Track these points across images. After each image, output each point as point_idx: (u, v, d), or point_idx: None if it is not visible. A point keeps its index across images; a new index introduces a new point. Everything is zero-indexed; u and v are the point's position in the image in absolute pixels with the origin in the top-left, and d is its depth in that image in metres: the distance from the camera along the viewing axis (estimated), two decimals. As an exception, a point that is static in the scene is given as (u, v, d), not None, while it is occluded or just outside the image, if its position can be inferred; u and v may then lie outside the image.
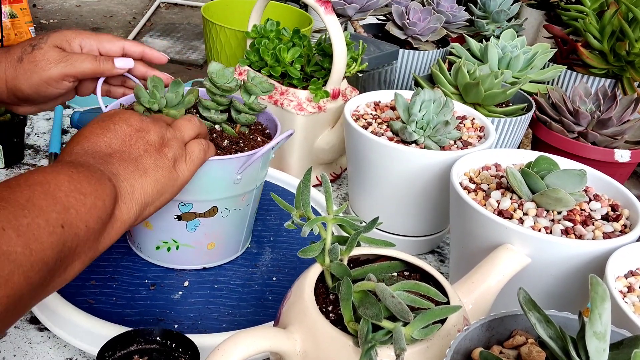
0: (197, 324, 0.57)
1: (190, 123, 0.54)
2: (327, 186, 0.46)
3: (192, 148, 0.52)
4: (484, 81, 0.81)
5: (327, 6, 0.75)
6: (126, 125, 0.48)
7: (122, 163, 0.46)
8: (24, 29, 1.41)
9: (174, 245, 0.63)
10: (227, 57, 1.05)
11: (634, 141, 0.83)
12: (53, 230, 0.37)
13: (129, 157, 0.47)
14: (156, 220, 0.61)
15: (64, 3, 1.73)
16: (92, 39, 0.63)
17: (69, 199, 0.39)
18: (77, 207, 0.39)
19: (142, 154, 0.47)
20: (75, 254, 0.40)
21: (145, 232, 0.63)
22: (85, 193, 0.40)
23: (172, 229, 0.61)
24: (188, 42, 1.47)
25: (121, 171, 0.45)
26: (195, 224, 0.61)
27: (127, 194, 0.45)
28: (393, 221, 0.74)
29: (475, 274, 0.51)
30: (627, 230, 0.55)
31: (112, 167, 0.45)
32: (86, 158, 0.45)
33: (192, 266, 0.65)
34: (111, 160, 0.46)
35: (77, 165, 0.43)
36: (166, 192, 0.49)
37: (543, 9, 1.43)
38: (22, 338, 0.57)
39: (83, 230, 0.40)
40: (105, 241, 0.43)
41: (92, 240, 0.41)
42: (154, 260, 0.64)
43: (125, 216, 0.45)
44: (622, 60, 1.02)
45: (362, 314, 0.38)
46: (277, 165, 0.85)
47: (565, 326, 0.34)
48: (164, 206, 0.50)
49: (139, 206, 0.46)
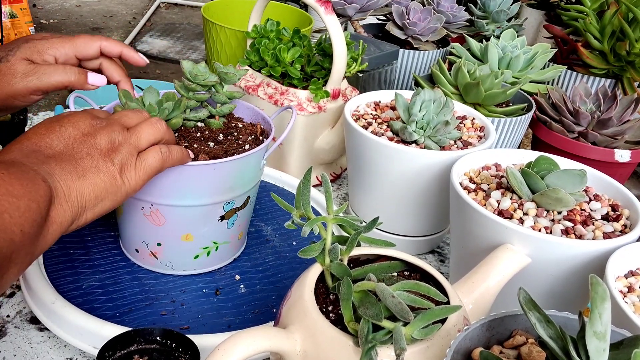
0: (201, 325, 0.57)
1: (152, 128, 0.50)
2: (327, 186, 0.46)
3: (145, 155, 0.49)
4: (484, 81, 0.81)
5: (327, 6, 0.75)
6: (73, 129, 0.46)
7: (60, 164, 0.43)
8: (24, 29, 1.41)
9: (214, 247, 0.63)
10: (227, 57, 1.05)
11: (634, 141, 0.83)
12: None
13: (69, 158, 0.44)
14: (198, 229, 0.60)
15: (64, 3, 1.73)
16: (66, 46, 0.59)
17: (1, 202, 0.37)
18: (10, 211, 0.37)
19: (84, 156, 0.45)
20: (11, 261, 0.37)
21: (183, 246, 0.61)
22: (18, 195, 0.38)
23: (215, 231, 0.62)
24: (188, 42, 1.47)
25: (57, 171, 0.43)
26: (234, 219, 0.62)
27: (62, 195, 0.42)
28: (393, 221, 0.74)
29: (476, 274, 0.51)
30: (627, 230, 0.55)
31: (48, 167, 0.42)
32: (21, 158, 0.42)
33: (225, 262, 0.66)
34: (48, 161, 0.43)
35: (9, 165, 0.40)
36: (106, 199, 0.45)
37: (543, 9, 1.43)
38: (22, 338, 0.57)
39: (18, 235, 0.37)
40: (41, 245, 0.40)
41: (29, 244, 0.39)
42: (189, 271, 0.64)
43: (62, 218, 0.42)
44: (622, 60, 1.02)
45: (362, 313, 0.38)
46: (277, 165, 0.85)
47: (565, 326, 0.34)
48: (208, 210, 0.46)
49: (75, 209, 0.43)
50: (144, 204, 0.57)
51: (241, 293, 0.63)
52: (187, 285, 0.62)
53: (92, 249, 0.65)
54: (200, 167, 0.55)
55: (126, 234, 0.63)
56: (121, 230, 0.64)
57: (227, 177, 0.57)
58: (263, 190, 0.80)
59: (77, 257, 0.64)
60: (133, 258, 0.64)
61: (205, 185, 0.57)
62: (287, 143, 0.82)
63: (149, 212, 0.58)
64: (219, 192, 0.58)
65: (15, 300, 0.61)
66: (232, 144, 0.60)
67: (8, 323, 0.58)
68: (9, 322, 0.59)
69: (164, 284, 0.62)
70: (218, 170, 0.56)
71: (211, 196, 0.58)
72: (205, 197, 0.58)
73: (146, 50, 1.38)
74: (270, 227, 0.74)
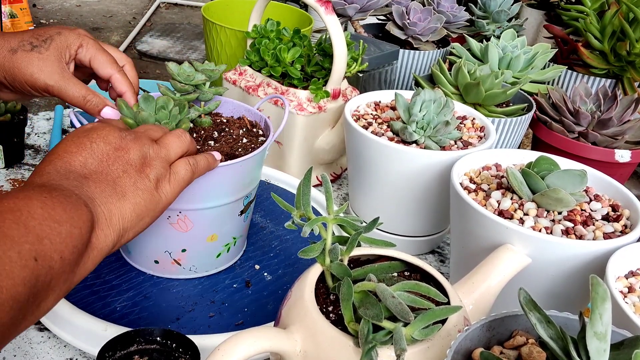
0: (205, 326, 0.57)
1: (179, 140, 0.50)
2: (327, 186, 0.46)
3: (177, 168, 0.48)
4: (484, 81, 0.81)
5: (327, 6, 0.75)
6: (104, 144, 0.45)
7: (99, 185, 0.42)
8: (24, 29, 1.41)
9: (233, 243, 0.64)
10: (227, 57, 1.05)
11: (634, 141, 0.83)
12: (25, 264, 0.34)
13: (106, 178, 0.43)
14: (222, 227, 0.61)
15: (64, 3, 1.73)
16: (92, 47, 0.58)
17: (43, 227, 0.36)
18: (51, 237, 0.36)
19: (121, 174, 0.44)
20: (49, 288, 0.36)
21: (208, 247, 0.62)
22: (60, 221, 0.37)
23: (235, 227, 0.63)
24: (188, 42, 1.47)
25: (97, 195, 0.42)
26: (249, 212, 0.64)
27: (104, 219, 0.41)
28: (393, 221, 0.74)
29: (476, 274, 0.51)
30: (627, 230, 0.55)
31: (87, 190, 0.41)
32: (60, 180, 0.41)
33: (239, 255, 0.67)
34: (87, 182, 0.42)
35: (51, 189, 0.39)
36: (147, 216, 0.45)
37: (543, 9, 1.43)
38: (22, 338, 0.57)
39: (58, 262, 0.36)
40: (80, 272, 0.40)
41: (68, 272, 0.38)
42: (211, 271, 0.64)
43: (103, 244, 0.41)
44: (622, 61, 1.01)
45: (363, 314, 0.38)
46: (277, 165, 0.85)
47: (565, 326, 0.34)
48: (232, 207, 0.46)
49: (117, 232, 0.42)
50: (171, 213, 0.57)
51: (269, 280, 0.64)
52: (217, 285, 0.63)
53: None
54: (229, 166, 0.56)
55: (144, 248, 0.62)
56: (134, 247, 0.63)
57: (249, 171, 0.59)
58: (263, 191, 0.80)
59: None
60: (150, 270, 0.63)
61: (232, 182, 0.58)
62: (287, 143, 0.82)
63: (176, 220, 0.58)
64: (243, 187, 0.60)
65: (15, 300, 0.61)
66: (229, 139, 0.61)
67: (8, 323, 0.58)
68: (9, 322, 0.58)
69: (193, 287, 0.62)
70: (244, 166, 0.57)
71: (236, 192, 0.60)
72: (232, 194, 0.59)
73: (146, 50, 1.38)
74: (258, 215, 0.76)
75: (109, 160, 0.44)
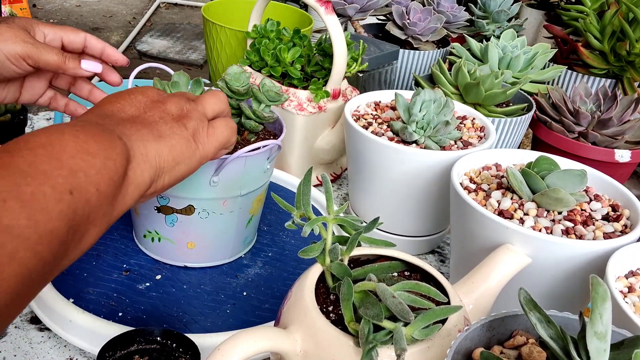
0: (198, 324, 0.57)
1: (216, 98, 0.50)
2: (327, 186, 0.46)
3: (217, 124, 0.49)
4: (484, 81, 0.81)
5: (327, 6, 0.75)
6: (142, 96, 0.46)
7: (135, 126, 0.42)
8: (24, 28, 1.41)
9: (157, 237, 0.63)
10: (227, 57, 1.05)
11: (634, 141, 0.83)
12: (60, 198, 0.33)
13: (143, 122, 0.43)
14: (141, 208, 0.62)
15: (64, 3, 1.73)
16: (55, 28, 0.60)
17: (76, 160, 0.35)
18: (85, 170, 0.35)
19: (158, 120, 0.44)
20: (89, 222, 0.36)
21: (135, 218, 0.65)
22: (93, 153, 0.36)
23: (154, 220, 0.62)
24: (188, 42, 1.47)
25: (134, 132, 0.42)
26: (174, 220, 0.61)
27: (140, 154, 0.41)
28: (393, 221, 0.74)
29: (476, 274, 0.51)
30: (627, 230, 0.55)
31: (123, 128, 0.41)
32: (95, 119, 0.41)
33: (173, 262, 0.65)
34: (123, 123, 0.42)
35: (84, 124, 0.39)
36: (182, 163, 0.45)
37: (543, 9, 1.43)
38: (22, 338, 0.57)
39: (94, 194, 0.36)
40: (119, 206, 0.39)
41: (106, 205, 0.37)
42: (143, 248, 0.66)
43: (140, 179, 0.40)
44: (622, 61, 1.02)
45: (363, 314, 0.38)
46: (277, 165, 0.85)
47: (565, 326, 0.34)
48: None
49: (154, 169, 0.42)
50: None
51: (269, 280, 0.65)
52: (217, 284, 0.64)
53: (99, 251, 0.65)
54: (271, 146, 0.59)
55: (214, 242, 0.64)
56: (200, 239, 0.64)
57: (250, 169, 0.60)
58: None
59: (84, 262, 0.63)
60: (182, 262, 0.65)
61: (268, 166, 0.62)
62: (287, 143, 0.82)
63: None
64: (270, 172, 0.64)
65: (15, 300, 0.61)
66: None
67: (8, 323, 0.58)
68: (9, 322, 0.58)
69: (193, 287, 0.63)
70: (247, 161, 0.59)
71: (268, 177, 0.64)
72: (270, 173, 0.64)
73: (146, 50, 1.38)
74: (270, 226, 0.75)
75: (146, 108, 0.45)
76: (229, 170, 0.57)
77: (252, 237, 0.70)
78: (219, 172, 0.57)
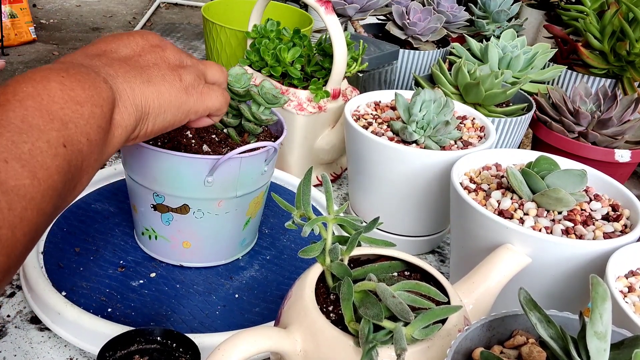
0: (193, 324, 0.57)
1: (218, 67, 0.50)
2: (327, 186, 0.46)
3: (213, 87, 0.48)
4: (484, 81, 0.81)
5: (327, 6, 0.75)
6: (142, 39, 0.44)
7: (124, 67, 0.41)
8: (24, 29, 1.41)
9: (153, 235, 0.63)
10: (227, 57, 1.05)
11: (634, 141, 0.83)
12: (56, 152, 0.34)
13: (135, 64, 0.42)
14: (139, 205, 0.62)
15: (64, 3, 1.73)
16: None
17: (66, 111, 0.35)
18: (75, 120, 0.35)
19: (151, 65, 0.43)
20: (82, 171, 0.37)
21: (134, 215, 0.65)
22: (81, 102, 0.36)
23: (150, 218, 0.62)
24: (188, 42, 1.47)
25: (121, 74, 0.41)
26: (169, 218, 0.61)
27: (126, 96, 0.40)
28: (393, 221, 0.74)
29: (476, 274, 0.51)
30: (627, 230, 0.55)
31: (111, 69, 0.41)
32: (82, 60, 0.40)
33: (169, 260, 0.65)
34: (113, 64, 0.41)
35: (68, 68, 0.38)
36: (169, 111, 0.44)
37: (543, 9, 1.43)
38: (22, 338, 0.57)
39: (85, 144, 0.36)
40: (108, 150, 0.39)
41: (97, 152, 0.38)
42: (141, 245, 0.66)
43: (127, 121, 0.40)
44: (622, 60, 1.02)
45: (363, 314, 0.38)
46: (277, 165, 0.85)
47: (565, 326, 0.34)
48: None
49: (139, 113, 0.41)
50: None
51: (268, 280, 0.66)
52: (217, 284, 0.64)
53: (99, 246, 0.65)
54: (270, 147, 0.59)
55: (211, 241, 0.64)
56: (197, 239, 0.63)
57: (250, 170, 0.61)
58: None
59: (82, 256, 0.64)
60: (177, 261, 0.65)
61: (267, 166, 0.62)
62: (287, 143, 0.82)
63: None
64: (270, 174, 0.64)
65: (15, 300, 0.61)
66: (213, 153, 0.60)
67: (8, 323, 0.58)
68: (9, 322, 0.59)
69: (193, 287, 0.63)
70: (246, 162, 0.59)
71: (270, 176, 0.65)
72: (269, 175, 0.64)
73: (146, 50, 1.38)
74: (270, 225, 0.75)
75: (142, 51, 0.44)
76: (223, 171, 0.57)
77: (251, 239, 0.69)
78: (214, 172, 0.57)
